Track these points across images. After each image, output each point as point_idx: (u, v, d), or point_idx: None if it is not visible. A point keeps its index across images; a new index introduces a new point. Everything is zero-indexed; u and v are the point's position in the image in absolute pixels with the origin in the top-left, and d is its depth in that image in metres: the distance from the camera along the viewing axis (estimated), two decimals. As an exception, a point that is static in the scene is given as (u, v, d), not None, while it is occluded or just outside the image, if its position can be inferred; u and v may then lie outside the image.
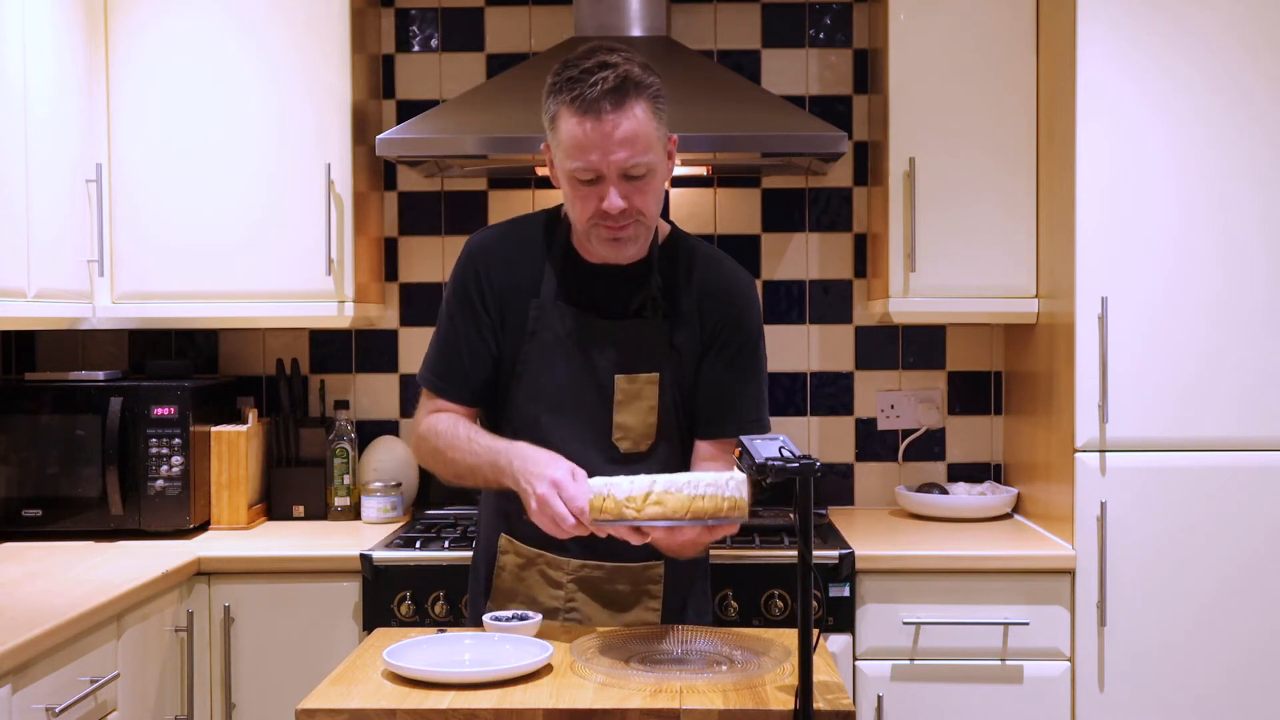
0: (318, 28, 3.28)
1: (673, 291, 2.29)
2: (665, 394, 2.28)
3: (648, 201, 2.17)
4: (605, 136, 2.09)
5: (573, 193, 2.17)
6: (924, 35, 3.27)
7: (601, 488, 2.00)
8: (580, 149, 2.11)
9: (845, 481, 3.68)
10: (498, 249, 2.33)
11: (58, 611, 2.37)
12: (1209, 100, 2.96)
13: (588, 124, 2.09)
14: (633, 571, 2.29)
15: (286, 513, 3.47)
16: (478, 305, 2.30)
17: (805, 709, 1.75)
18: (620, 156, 2.10)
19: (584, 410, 2.27)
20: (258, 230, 3.29)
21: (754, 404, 2.32)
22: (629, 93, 2.09)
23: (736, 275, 2.36)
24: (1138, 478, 2.97)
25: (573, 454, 2.17)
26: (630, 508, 1.97)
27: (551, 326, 2.27)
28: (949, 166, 3.26)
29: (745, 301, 2.34)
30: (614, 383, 2.26)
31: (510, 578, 2.33)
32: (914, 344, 3.68)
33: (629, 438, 2.27)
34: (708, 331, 2.30)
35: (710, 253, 2.37)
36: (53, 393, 3.20)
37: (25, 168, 2.88)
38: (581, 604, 2.30)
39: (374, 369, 3.69)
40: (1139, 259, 2.97)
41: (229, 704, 2.99)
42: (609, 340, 2.27)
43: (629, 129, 2.09)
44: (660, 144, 2.16)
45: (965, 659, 2.98)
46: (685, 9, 3.65)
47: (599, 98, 2.07)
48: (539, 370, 2.28)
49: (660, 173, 2.18)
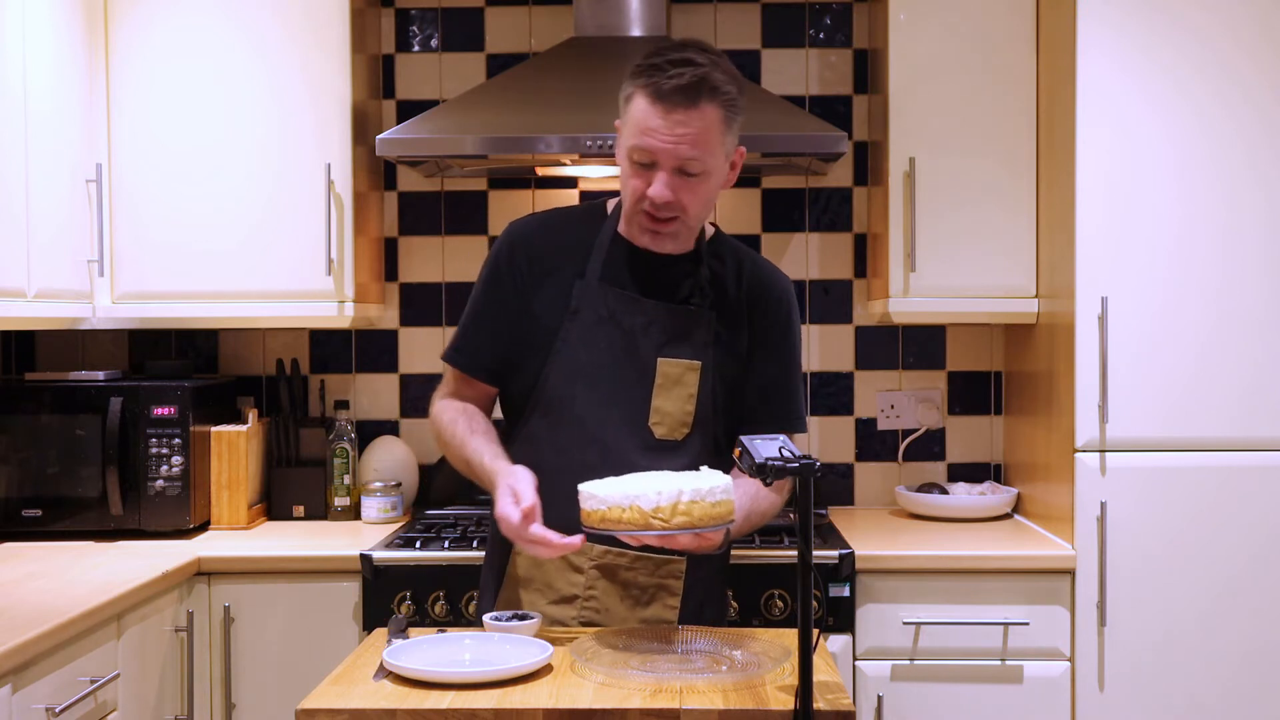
0: (318, 28, 3.28)
1: (721, 285, 2.32)
2: (705, 384, 2.28)
3: (695, 201, 2.20)
4: (670, 127, 2.13)
5: (629, 171, 2.21)
6: (924, 35, 3.27)
7: (622, 499, 1.97)
8: (643, 131, 2.15)
9: (845, 481, 3.68)
10: (540, 233, 2.36)
11: (58, 611, 2.37)
12: (1209, 100, 2.96)
13: (657, 111, 2.13)
14: (654, 563, 2.28)
15: (286, 513, 3.47)
16: (507, 286, 2.32)
17: (805, 709, 1.75)
18: (679, 149, 2.14)
19: (622, 391, 2.27)
20: (258, 230, 3.29)
21: (797, 400, 2.38)
22: (703, 93, 2.13)
23: (781, 277, 2.41)
24: (1138, 478, 2.97)
25: (606, 436, 2.21)
26: (658, 518, 1.96)
27: (594, 306, 2.28)
28: (949, 166, 3.26)
29: (790, 302, 2.39)
30: (656, 365, 2.27)
31: (529, 562, 2.29)
32: (914, 344, 3.68)
33: (665, 424, 2.27)
34: (757, 331, 2.33)
35: (754, 255, 2.42)
36: (53, 393, 3.20)
37: (25, 168, 2.88)
38: (601, 592, 2.27)
39: (374, 369, 3.69)
40: (1139, 259, 2.97)
41: (229, 704, 2.99)
42: (654, 322, 2.28)
43: (695, 127, 2.13)
44: (723, 151, 2.19)
45: (965, 659, 2.98)
46: (685, 9, 3.65)
47: (673, 90, 2.12)
48: (578, 348, 2.28)
49: (715, 178, 2.21)
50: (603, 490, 2.00)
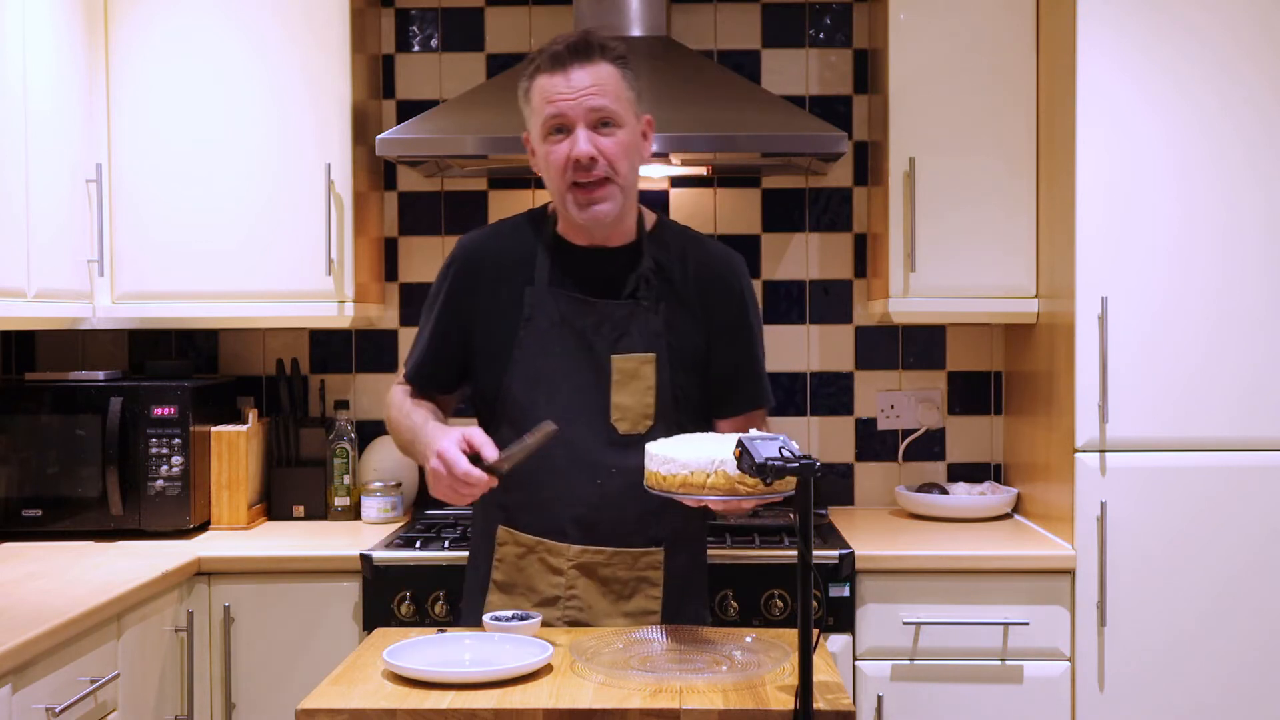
0: (318, 28, 3.28)
1: (666, 274, 2.33)
2: (662, 375, 2.30)
3: (617, 153, 2.24)
4: (571, 84, 2.21)
5: (547, 153, 2.26)
6: (924, 35, 3.27)
7: (706, 464, 1.94)
8: (548, 100, 2.23)
9: (845, 481, 3.68)
10: (487, 246, 2.40)
11: (58, 611, 2.37)
12: (1209, 100, 2.96)
13: (557, 76, 2.22)
14: (632, 556, 2.30)
15: (286, 513, 3.47)
16: (452, 300, 2.38)
17: (805, 709, 1.75)
18: (587, 101, 2.21)
19: (582, 392, 2.29)
20: (257, 230, 3.29)
21: (762, 375, 2.43)
22: (594, 50, 2.23)
23: (727, 255, 2.43)
24: (1138, 478, 2.97)
25: (571, 436, 2.22)
26: (745, 484, 1.93)
27: (546, 311, 2.31)
28: (949, 166, 3.26)
29: (740, 279, 2.41)
30: (611, 363, 2.28)
31: (509, 568, 2.34)
32: (914, 344, 3.68)
33: (627, 418, 2.29)
34: (712, 316, 2.35)
35: (697, 236, 2.44)
36: (53, 393, 3.20)
37: (25, 168, 2.88)
38: (582, 591, 2.30)
39: (374, 369, 3.69)
40: (1139, 259, 2.97)
41: (229, 704, 2.99)
42: (604, 321, 2.30)
43: (595, 77, 2.22)
44: (630, 107, 2.26)
45: (965, 659, 2.98)
46: (685, 9, 3.65)
47: (564, 51, 2.22)
48: (535, 355, 2.31)
49: (629, 131, 2.26)
50: (682, 454, 1.98)
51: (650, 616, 2.30)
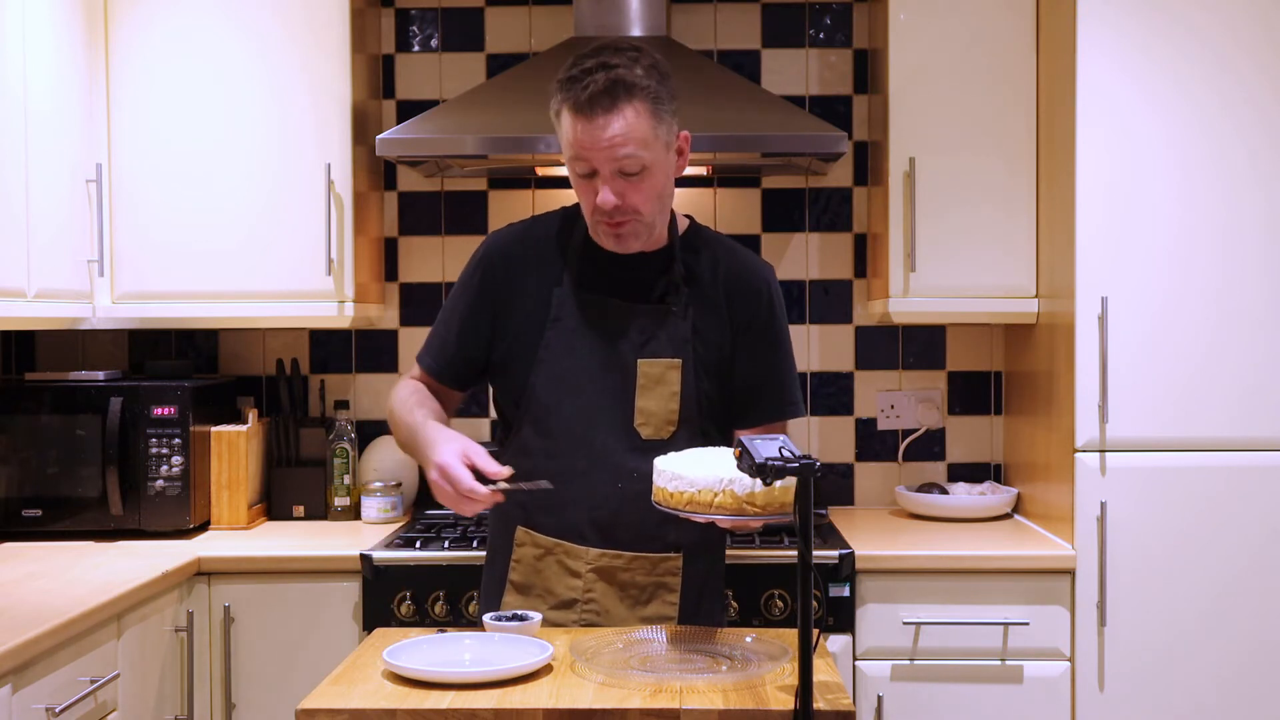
0: (318, 28, 3.28)
1: (696, 280, 2.32)
2: (688, 381, 2.28)
3: (643, 199, 2.20)
4: (596, 136, 2.14)
5: (576, 183, 2.24)
6: (924, 35, 3.27)
7: (715, 482, 1.93)
8: (574, 144, 2.18)
9: (845, 481, 3.68)
10: (517, 244, 2.37)
11: (58, 611, 2.37)
12: (1209, 100, 2.96)
13: (580, 124, 2.15)
14: (651, 562, 2.29)
15: (286, 513, 3.48)
16: (481, 296, 2.35)
17: (805, 709, 1.75)
18: (611, 155, 2.15)
19: (606, 395, 2.28)
20: (258, 230, 3.29)
21: (791, 386, 2.38)
22: (619, 95, 2.13)
23: (759, 265, 2.40)
24: (1138, 478, 2.97)
25: (594, 440, 2.23)
26: (753, 504, 1.92)
27: (573, 313, 2.29)
28: (949, 166, 3.26)
29: (771, 289, 2.37)
30: (636, 367, 2.27)
31: (527, 569, 2.33)
32: (914, 344, 3.68)
33: (650, 423, 2.28)
34: (738, 323, 2.33)
35: (732, 245, 2.41)
36: (53, 393, 3.20)
37: (25, 168, 2.88)
38: (600, 594, 2.29)
39: (374, 369, 3.69)
40: (1139, 259, 2.97)
41: (229, 704, 2.99)
42: (631, 325, 2.29)
43: (619, 129, 2.14)
44: (660, 142, 2.18)
45: (965, 659, 2.98)
46: (685, 9, 3.65)
47: (589, 100, 2.13)
48: (561, 356, 2.29)
49: (659, 170, 2.20)
50: (690, 471, 1.97)
51: (667, 622, 2.28)
